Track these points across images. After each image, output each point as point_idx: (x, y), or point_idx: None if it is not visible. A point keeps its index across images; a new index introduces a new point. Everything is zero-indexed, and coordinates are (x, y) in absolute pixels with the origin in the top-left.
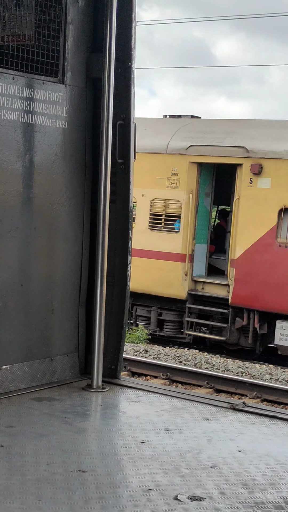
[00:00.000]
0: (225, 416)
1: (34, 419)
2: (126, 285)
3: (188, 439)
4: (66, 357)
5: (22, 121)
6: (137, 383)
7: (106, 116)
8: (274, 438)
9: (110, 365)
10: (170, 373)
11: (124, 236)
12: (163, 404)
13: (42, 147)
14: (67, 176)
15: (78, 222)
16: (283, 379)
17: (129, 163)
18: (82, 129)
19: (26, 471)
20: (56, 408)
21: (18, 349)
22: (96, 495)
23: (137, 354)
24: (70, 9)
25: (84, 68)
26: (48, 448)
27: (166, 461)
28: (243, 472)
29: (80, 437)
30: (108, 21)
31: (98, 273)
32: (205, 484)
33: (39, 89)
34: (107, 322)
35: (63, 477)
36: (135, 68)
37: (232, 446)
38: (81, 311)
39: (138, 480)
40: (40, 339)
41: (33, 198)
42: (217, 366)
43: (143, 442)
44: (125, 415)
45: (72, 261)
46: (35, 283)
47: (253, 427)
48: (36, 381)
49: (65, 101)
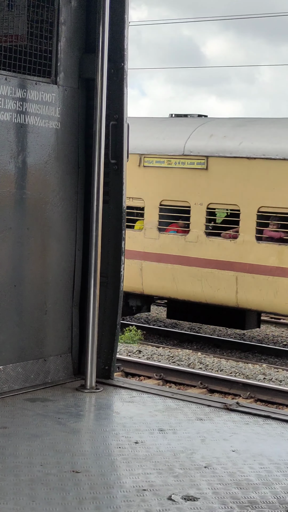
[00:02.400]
0: (218, 416)
1: (28, 420)
2: (119, 285)
3: (182, 439)
4: (60, 358)
5: (15, 121)
6: (130, 384)
7: (99, 117)
8: (268, 438)
9: (104, 365)
10: (164, 373)
11: (117, 236)
12: (157, 404)
13: (35, 148)
14: (60, 176)
15: (71, 222)
16: (277, 379)
17: (122, 163)
18: (75, 129)
19: (20, 472)
20: (50, 409)
21: (11, 349)
22: (90, 495)
23: (131, 355)
24: (62, 9)
25: (77, 68)
26: (41, 448)
27: (160, 461)
28: (237, 472)
29: (74, 438)
30: (100, 21)
31: (92, 273)
32: (199, 484)
33: (32, 89)
34: (101, 322)
35: (57, 478)
36: (128, 69)
37: (226, 446)
38: (74, 311)
39: (132, 481)
40: (34, 340)
41: (26, 198)
42: (210, 366)
43: (137, 443)
44: (118, 416)
45: (65, 261)
46: (28, 283)
47: (247, 427)
48: (29, 381)
49: (58, 101)
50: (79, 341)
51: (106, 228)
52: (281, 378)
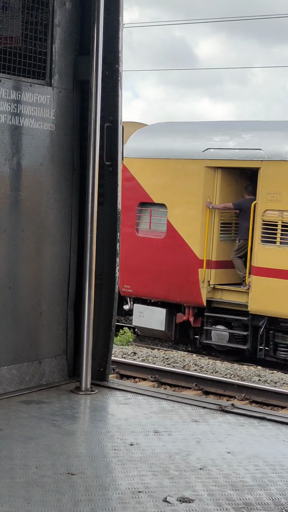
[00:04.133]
0: (214, 418)
1: (23, 422)
2: (114, 287)
3: (177, 441)
4: (55, 360)
5: (10, 123)
6: (125, 385)
7: (94, 119)
8: (263, 439)
9: (99, 367)
10: (159, 375)
11: (112, 238)
12: (152, 406)
13: (29, 150)
14: (55, 178)
15: (66, 224)
16: (272, 380)
17: (116, 165)
18: (69, 131)
19: (15, 474)
20: (45, 411)
21: (6, 351)
22: (85, 497)
23: (126, 357)
24: (57, 11)
25: (72, 70)
26: (37, 451)
27: (155, 463)
28: (232, 474)
29: (69, 440)
30: (95, 23)
31: (86, 275)
32: (194, 486)
33: (27, 91)
34: (96, 324)
35: (52, 480)
36: (123, 71)
37: (221, 447)
38: (69, 313)
39: (127, 483)
40: (29, 342)
41: (20, 200)
42: (205, 368)
43: (132, 444)
44: (114, 418)
45: (60, 263)
46: (23, 285)
47: (242, 428)
48: (24, 383)
49: (53, 103)
50: (74, 343)
51: (101, 230)
52: (276, 380)
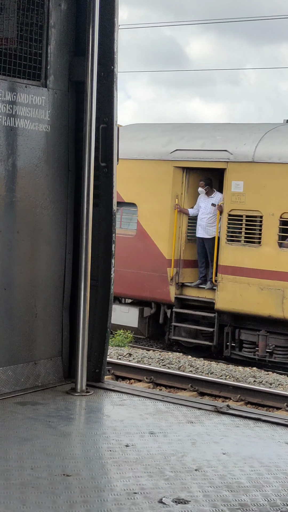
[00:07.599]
0: (209, 419)
1: (18, 423)
2: (109, 288)
3: (173, 442)
4: (50, 361)
5: (5, 124)
6: (121, 387)
7: (89, 120)
8: (258, 440)
9: (94, 368)
10: (154, 376)
11: (107, 239)
12: (147, 407)
13: (25, 151)
14: (50, 179)
15: (62, 225)
16: (267, 381)
17: (112, 166)
18: (65, 132)
19: (10, 476)
20: (40, 412)
21: (1, 353)
22: (81, 499)
23: (121, 358)
24: (52, 12)
25: (67, 71)
26: (32, 452)
27: (151, 464)
28: (228, 475)
29: (64, 441)
30: (90, 24)
31: (82, 276)
32: (189, 487)
33: (22, 92)
34: (91, 325)
35: (47, 481)
36: (118, 72)
37: (217, 448)
38: (64, 314)
39: (122, 484)
40: (24, 343)
41: (16, 201)
42: (200, 369)
43: (128, 446)
44: (109, 419)
45: (55, 264)
46: (18, 287)
47: (237, 429)
48: (19, 385)
49: (48, 104)
50: (69, 344)
51: (97, 231)
52: (271, 381)
